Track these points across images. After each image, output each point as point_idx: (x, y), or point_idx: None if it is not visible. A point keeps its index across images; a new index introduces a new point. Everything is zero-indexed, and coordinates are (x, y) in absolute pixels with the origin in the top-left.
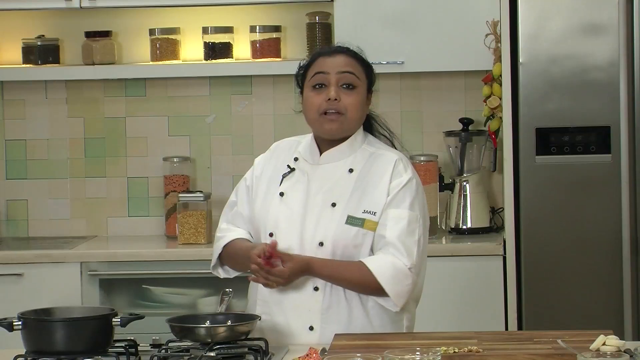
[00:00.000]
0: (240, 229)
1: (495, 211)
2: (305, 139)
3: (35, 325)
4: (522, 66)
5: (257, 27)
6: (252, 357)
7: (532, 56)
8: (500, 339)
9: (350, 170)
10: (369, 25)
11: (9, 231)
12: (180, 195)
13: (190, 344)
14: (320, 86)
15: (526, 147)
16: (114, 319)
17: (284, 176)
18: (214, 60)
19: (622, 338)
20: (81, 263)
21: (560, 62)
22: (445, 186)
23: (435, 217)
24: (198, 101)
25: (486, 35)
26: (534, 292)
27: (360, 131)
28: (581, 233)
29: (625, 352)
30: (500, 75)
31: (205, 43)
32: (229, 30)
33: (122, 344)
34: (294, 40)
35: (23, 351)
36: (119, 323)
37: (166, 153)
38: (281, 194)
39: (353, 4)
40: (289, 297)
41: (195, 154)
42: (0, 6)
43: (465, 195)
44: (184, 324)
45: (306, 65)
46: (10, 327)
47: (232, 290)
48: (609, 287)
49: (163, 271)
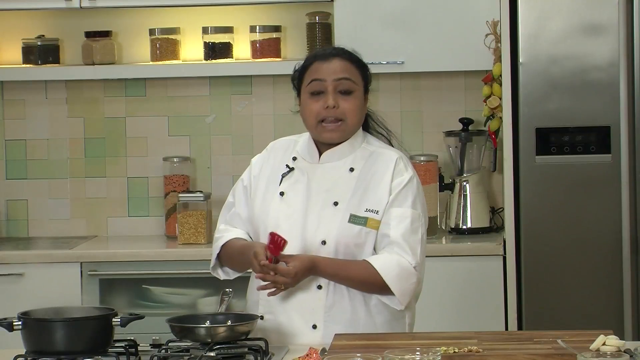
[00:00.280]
0: (238, 229)
1: (495, 211)
2: (302, 138)
3: (35, 325)
4: (522, 66)
5: (257, 27)
6: (252, 357)
7: (532, 56)
8: (500, 339)
9: (351, 169)
10: (369, 25)
11: (9, 231)
12: (180, 195)
13: (190, 344)
14: (317, 93)
15: (526, 147)
16: (114, 319)
17: (283, 176)
18: (214, 60)
19: (622, 338)
20: (81, 263)
21: (560, 62)
22: (445, 186)
23: (435, 217)
24: (198, 101)
25: (486, 35)
26: (534, 292)
27: (360, 130)
28: (581, 233)
29: (625, 352)
30: (500, 75)
31: (205, 43)
32: (229, 30)
33: (122, 344)
34: (294, 40)
35: (23, 351)
36: (119, 323)
37: (166, 153)
38: (281, 193)
39: (353, 4)
40: (292, 296)
41: (195, 154)
42: (0, 6)
43: (465, 195)
44: (184, 324)
45: (302, 69)
46: (10, 327)
47: (232, 290)
48: (609, 287)
49: (163, 271)
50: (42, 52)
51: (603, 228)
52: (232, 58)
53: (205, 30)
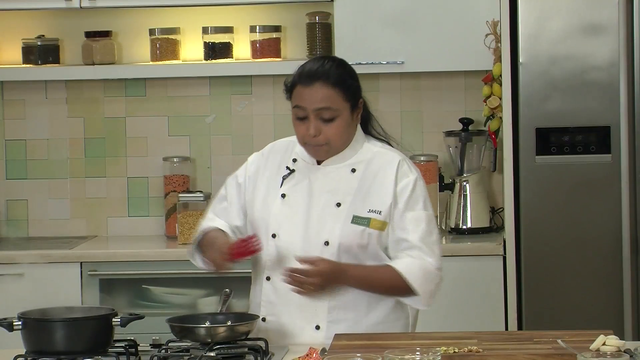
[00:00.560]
0: (222, 221)
1: (495, 211)
2: None
3: (35, 325)
4: (522, 66)
5: (257, 27)
6: (252, 357)
7: (532, 56)
8: (500, 339)
9: (353, 170)
10: (369, 25)
11: (9, 231)
12: (180, 195)
13: (190, 344)
14: (301, 118)
15: (526, 147)
16: (114, 319)
17: (284, 178)
18: (214, 60)
19: (622, 338)
20: (81, 263)
21: (560, 62)
22: (445, 186)
23: (435, 217)
24: (198, 101)
25: (486, 35)
26: (534, 292)
27: (360, 131)
28: (581, 233)
29: (625, 352)
30: (500, 75)
31: (205, 43)
32: (229, 30)
33: (122, 344)
34: (294, 40)
35: (23, 351)
36: (119, 323)
37: (166, 153)
38: (283, 195)
39: (353, 4)
40: (295, 297)
41: (195, 154)
42: (0, 6)
43: (465, 195)
44: (184, 324)
45: (290, 86)
46: (10, 327)
47: (232, 290)
48: (609, 287)
49: (163, 271)
50: (42, 52)
51: (603, 228)
52: (232, 58)
53: (205, 30)
